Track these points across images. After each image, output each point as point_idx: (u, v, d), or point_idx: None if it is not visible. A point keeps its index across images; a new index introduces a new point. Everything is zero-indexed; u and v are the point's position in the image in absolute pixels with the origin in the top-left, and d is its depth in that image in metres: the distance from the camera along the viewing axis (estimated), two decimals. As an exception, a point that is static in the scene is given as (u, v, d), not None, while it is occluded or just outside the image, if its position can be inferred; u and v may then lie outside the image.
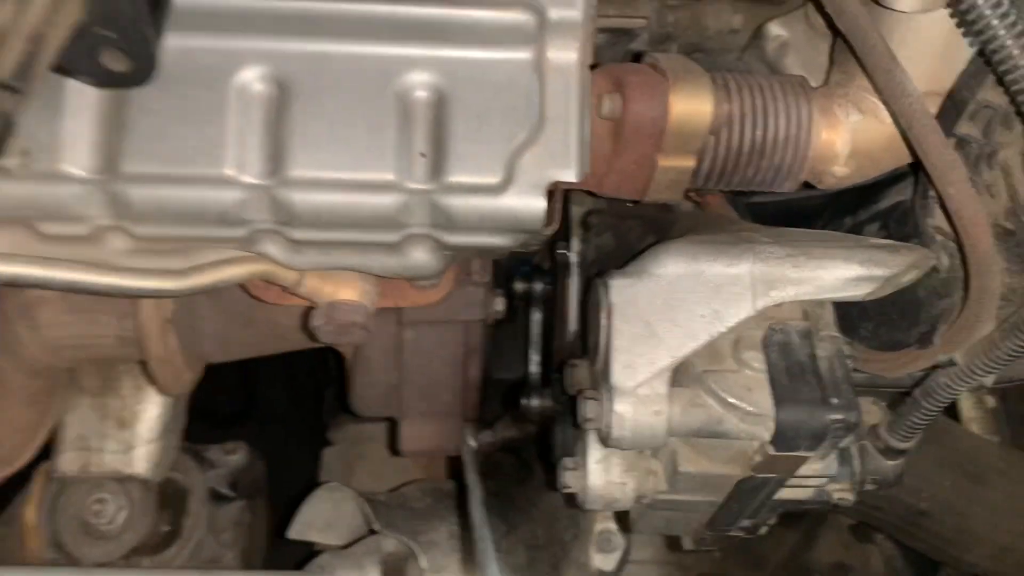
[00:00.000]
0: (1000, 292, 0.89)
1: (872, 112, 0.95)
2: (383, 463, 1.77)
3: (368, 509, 1.26)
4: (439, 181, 0.84)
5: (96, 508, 1.46)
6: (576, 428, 0.98)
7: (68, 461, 1.43)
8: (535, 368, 1.31)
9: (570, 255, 1.13)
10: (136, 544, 1.48)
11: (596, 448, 0.97)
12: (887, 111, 0.93)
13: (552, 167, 0.85)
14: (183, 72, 0.82)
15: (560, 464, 0.99)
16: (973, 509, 1.37)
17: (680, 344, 0.88)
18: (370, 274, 0.96)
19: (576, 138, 0.85)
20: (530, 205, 0.85)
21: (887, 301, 0.96)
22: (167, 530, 1.55)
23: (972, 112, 0.88)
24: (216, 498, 1.63)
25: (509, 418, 1.37)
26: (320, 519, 1.36)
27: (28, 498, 1.50)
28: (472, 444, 1.28)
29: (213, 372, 1.34)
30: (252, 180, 0.83)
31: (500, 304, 1.21)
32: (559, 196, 0.88)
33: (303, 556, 1.49)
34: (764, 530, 1.07)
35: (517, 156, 0.84)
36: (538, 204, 0.85)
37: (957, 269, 0.94)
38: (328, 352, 2.02)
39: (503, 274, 1.29)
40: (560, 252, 1.15)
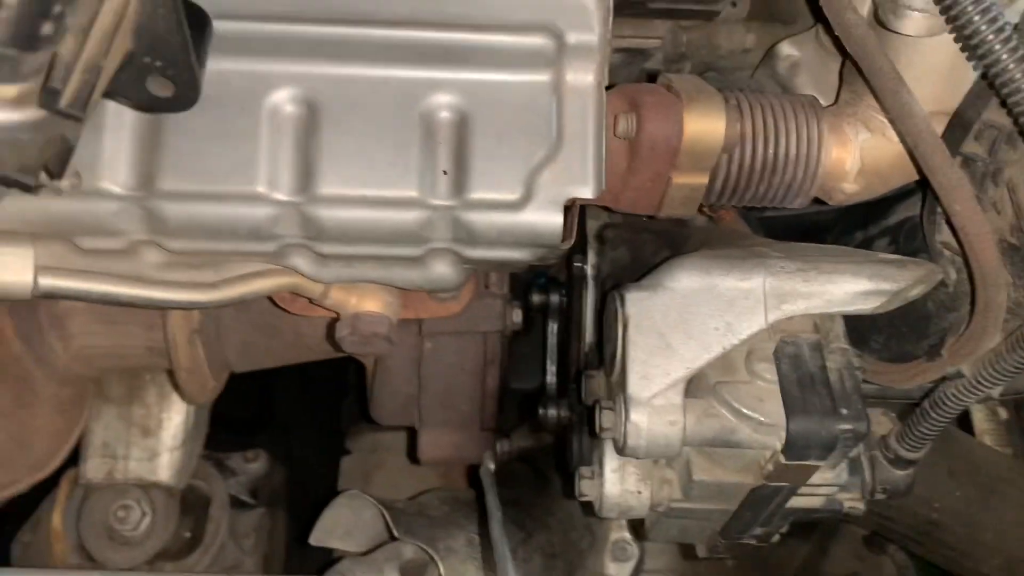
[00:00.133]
0: (1006, 306, 0.91)
1: (880, 131, 0.98)
2: (400, 472, 1.80)
3: (388, 516, 1.28)
4: (461, 198, 0.87)
5: (121, 515, 1.48)
6: (593, 437, 1.01)
7: (93, 468, 1.45)
8: (552, 378, 1.33)
9: (586, 268, 1.16)
10: (159, 550, 1.50)
11: (612, 457, 0.99)
12: (895, 130, 0.95)
13: (570, 184, 0.87)
14: (217, 94, 0.84)
15: (577, 473, 1.01)
16: (984, 520, 1.38)
17: (694, 356, 0.90)
18: (393, 287, 0.99)
19: (593, 156, 0.87)
20: (548, 221, 0.88)
21: (897, 314, 0.98)
22: (189, 536, 1.57)
23: (977, 131, 0.90)
24: (237, 505, 1.65)
25: (526, 428, 1.39)
26: (340, 525, 1.38)
27: (54, 504, 1.53)
28: (491, 466, 1.30)
29: (233, 381, 1.36)
30: (283, 197, 0.86)
31: (517, 315, 1.23)
32: (576, 212, 0.91)
33: (322, 563, 1.51)
34: (776, 538, 1.09)
35: (536, 174, 0.87)
36: (556, 220, 0.88)
37: (964, 283, 0.96)
38: (346, 363, 2.06)
39: (520, 286, 1.31)
40: (576, 265, 1.17)
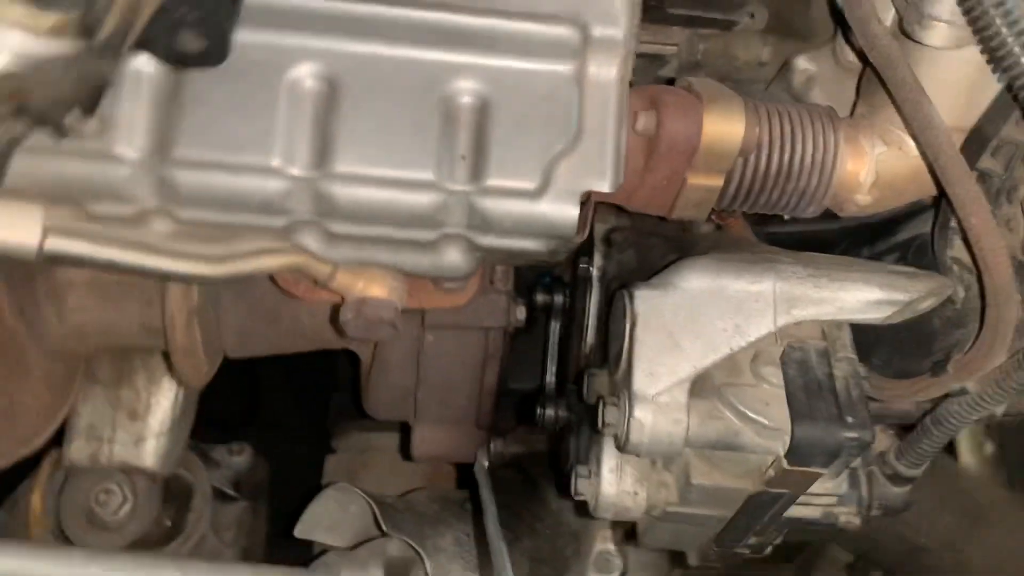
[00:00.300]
0: (1015, 323, 0.91)
1: (897, 144, 0.98)
2: (387, 471, 1.78)
3: (377, 509, 1.27)
4: (477, 183, 0.87)
5: (102, 498, 1.47)
6: (593, 435, 1.00)
7: (77, 449, 1.42)
8: (551, 378, 1.33)
9: (592, 269, 1.16)
10: (138, 536, 1.48)
11: (611, 456, 0.98)
12: (911, 143, 0.96)
13: (587, 177, 0.87)
14: (238, 65, 0.83)
15: (574, 471, 1.01)
16: (972, 548, 1.38)
17: (701, 355, 0.90)
18: (401, 272, 0.98)
19: (612, 150, 0.87)
20: (564, 212, 0.87)
21: (902, 329, 0.98)
22: (169, 525, 1.56)
23: (995, 148, 0.91)
24: (219, 497, 1.64)
25: (521, 431, 1.38)
26: (327, 519, 1.36)
27: (34, 484, 1.51)
28: (485, 463, 1.29)
29: (219, 374, 1.34)
30: (298, 172, 0.85)
31: (521, 313, 1.22)
32: (591, 206, 0.91)
33: (301, 561, 1.49)
34: (769, 549, 1.08)
35: (554, 164, 0.87)
36: (571, 211, 0.87)
37: (972, 300, 0.97)
38: (335, 359, 2.04)
39: (524, 285, 1.31)
40: (582, 266, 1.17)
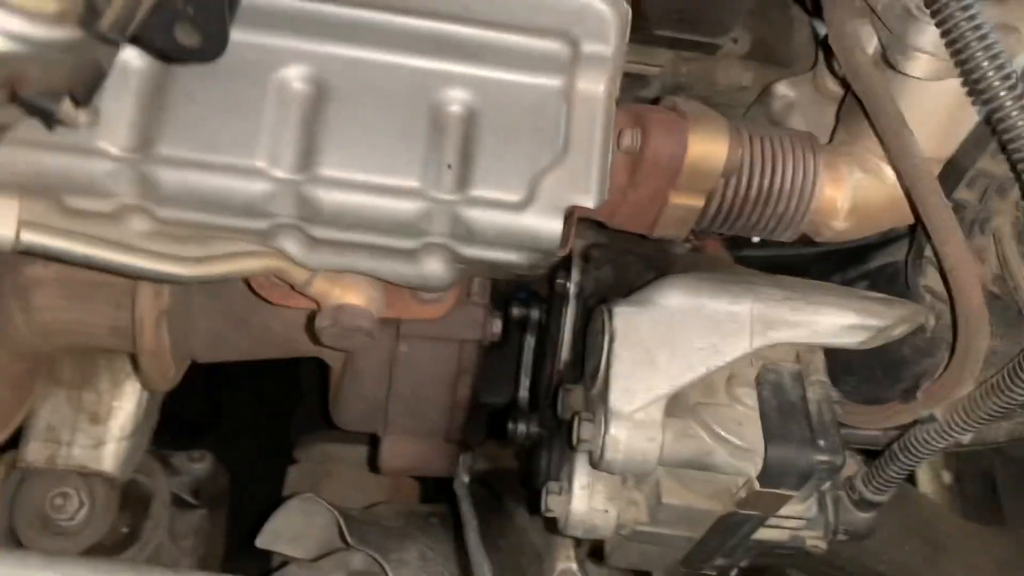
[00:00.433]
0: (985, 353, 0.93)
1: (875, 172, 1.00)
2: (349, 483, 1.75)
3: (343, 521, 1.25)
4: (463, 193, 0.87)
5: (58, 502, 1.42)
6: (565, 451, 1.00)
7: (35, 451, 1.39)
8: (524, 393, 1.32)
9: (569, 285, 1.16)
10: (94, 543, 1.44)
11: (583, 473, 0.98)
12: (890, 171, 0.97)
13: (572, 191, 0.87)
14: (227, 64, 0.82)
15: (545, 488, 1.00)
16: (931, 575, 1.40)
17: (678, 374, 0.91)
18: (380, 281, 0.97)
19: (598, 166, 0.88)
20: (548, 225, 0.88)
21: (871, 356, 0.99)
22: (126, 532, 1.52)
23: (971, 179, 0.93)
24: (178, 504, 1.61)
25: (490, 445, 1.37)
26: (290, 530, 1.34)
27: (-12, 486, 1.47)
28: (465, 479, 1.28)
29: (183, 382, 1.32)
30: (282, 174, 0.85)
31: (497, 326, 1.22)
32: (575, 221, 0.91)
33: (260, 572, 1.47)
34: (735, 573, 1.09)
35: (540, 177, 0.87)
36: (555, 225, 0.88)
37: (943, 329, 0.98)
38: (298, 369, 2.02)
39: (500, 299, 1.30)
40: (559, 282, 1.17)
